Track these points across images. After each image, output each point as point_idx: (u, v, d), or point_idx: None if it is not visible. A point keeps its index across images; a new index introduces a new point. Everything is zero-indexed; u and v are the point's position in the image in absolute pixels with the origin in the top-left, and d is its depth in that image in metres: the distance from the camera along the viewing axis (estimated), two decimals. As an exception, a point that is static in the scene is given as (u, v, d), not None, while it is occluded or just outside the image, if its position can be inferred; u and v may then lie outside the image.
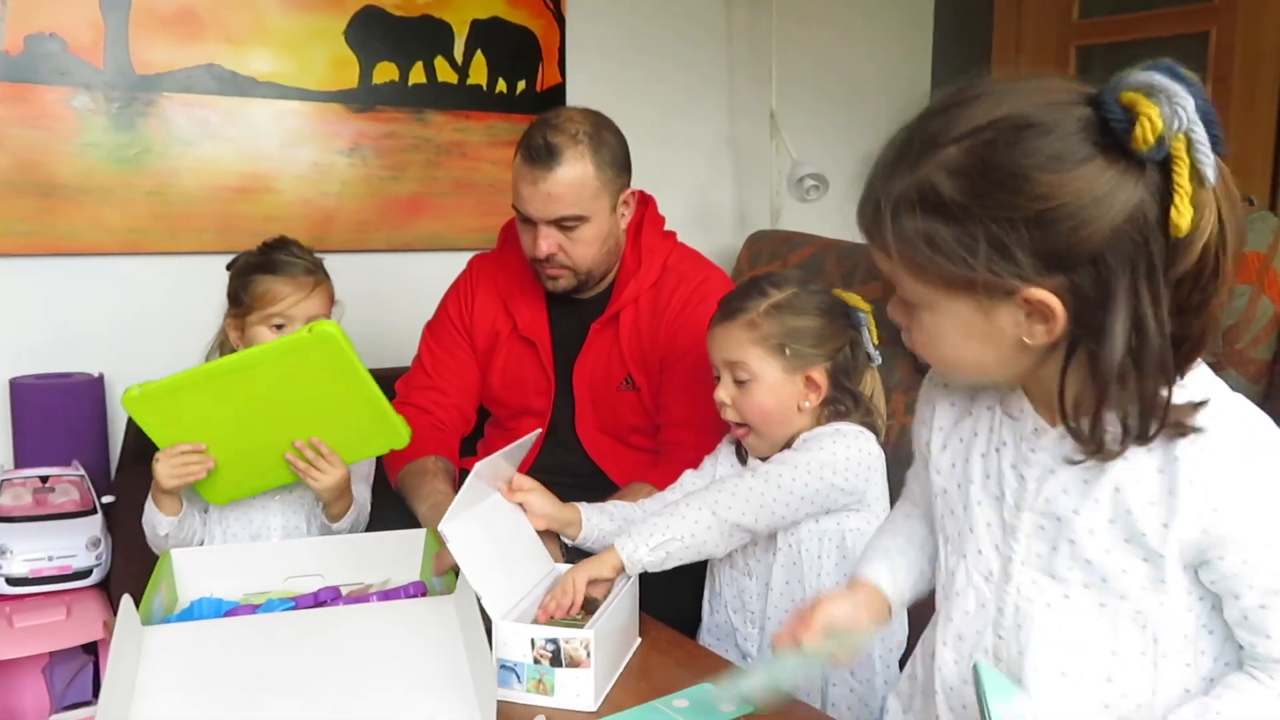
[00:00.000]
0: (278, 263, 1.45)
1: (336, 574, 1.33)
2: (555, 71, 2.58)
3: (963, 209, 0.71)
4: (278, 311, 1.43)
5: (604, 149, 1.52)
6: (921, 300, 0.76)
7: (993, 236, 0.70)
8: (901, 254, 0.74)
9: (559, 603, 1.09)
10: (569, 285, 1.57)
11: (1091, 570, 0.78)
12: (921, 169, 0.72)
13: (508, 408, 1.68)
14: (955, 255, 0.71)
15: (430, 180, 2.44)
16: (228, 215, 2.21)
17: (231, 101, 2.20)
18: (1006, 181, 0.70)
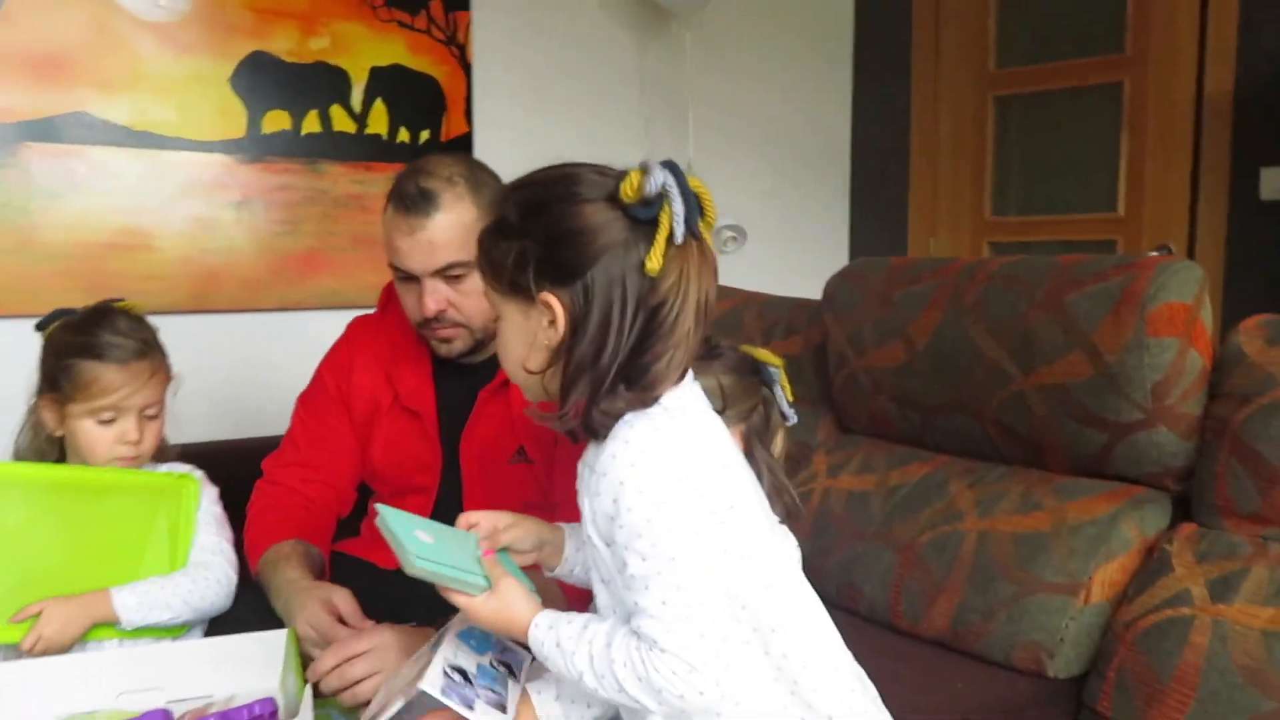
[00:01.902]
0: (104, 346, 1.26)
1: (178, 687, 1.16)
2: (461, 121, 2.46)
3: (518, 229, 0.93)
4: (108, 405, 1.26)
5: (483, 189, 1.40)
6: (496, 308, 0.96)
7: (528, 250, 0.91)
8: (487, 268, 0.95)
9: None
10: (465, 347, 1.43)
11: (596, 565, 0.95)
12: (505, 205, 0.96)
13: (391, 485, 1.53)
14: (505, 264, 0.93)
15: (327, 235, 2.30)
16: (99, 274, 2.04)
17: (103, 151, 2.04)
18: (539, 210, 0.92)
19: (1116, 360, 1.41)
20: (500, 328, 0.97)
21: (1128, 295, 1.41)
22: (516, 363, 0.96)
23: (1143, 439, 1.42)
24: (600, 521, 0.90)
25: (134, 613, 1.24)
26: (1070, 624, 1.37)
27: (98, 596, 1.23)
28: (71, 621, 1.20)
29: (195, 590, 1.29)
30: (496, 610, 0.94)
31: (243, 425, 2.19)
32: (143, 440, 1.29)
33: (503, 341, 0.97)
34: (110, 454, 1.28)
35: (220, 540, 1.35)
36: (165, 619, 1.26)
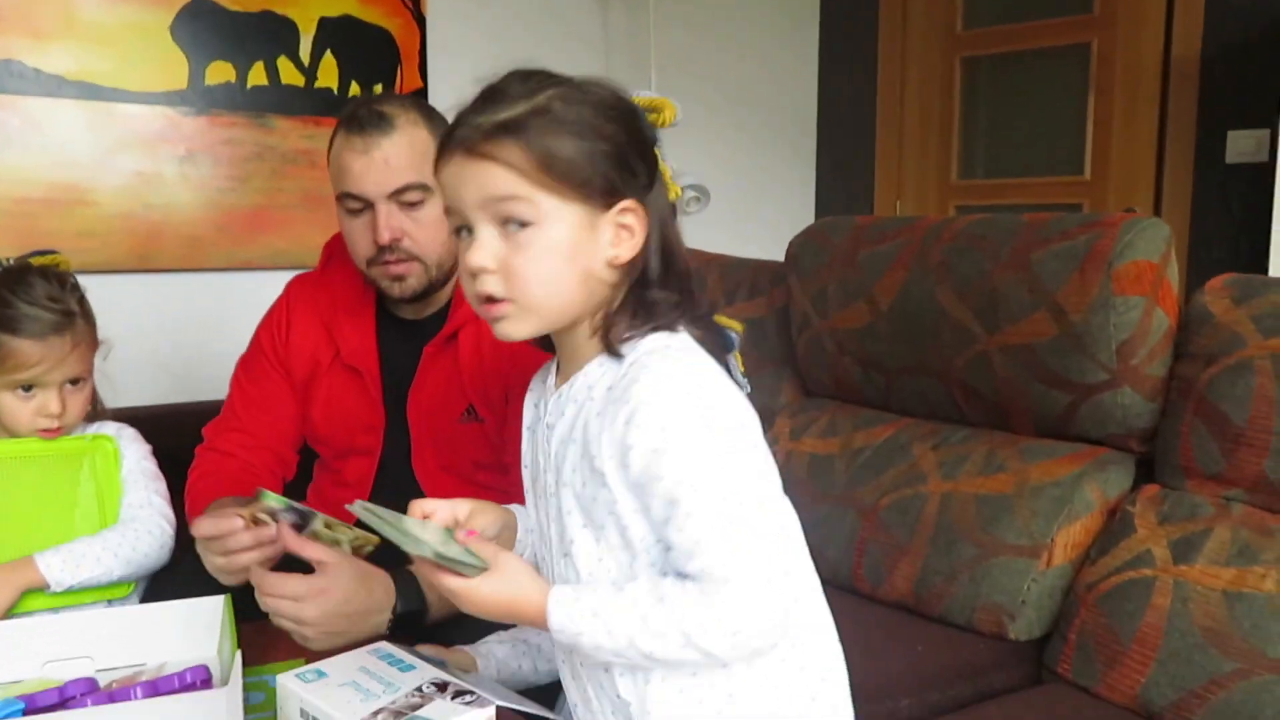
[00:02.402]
0: (20, 318, 1.18)
1: (108, 655, 1.10)
2: (415, 75, 2.38)
3: (592, 128, 0.83)
4: (27, 379, 1.19)
5: (436, 119, 1.35)
6: (536, 215, 0.82)
7: (610, 151, 0.83)
8: (528, 164, 0.81)
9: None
10: (418, 285, 1.36)
11: (579, 505, 0.86)
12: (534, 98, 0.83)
13: (333, 447, 1.47)
14: (585, 159, 0.82)
15: (274, 191, 2.22)
16: (34, 231, 1.95)
17: (37, 102, 1.95)
18: (616, 114, 0.85)
19: (1082, 319, 1.38)
20: (534, 241, 0.83)
21: (1094, 253, 1.39)
22: (552, 280, 0.84)
23: (1107, 400, 1.39)
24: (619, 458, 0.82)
25: (61, 572, 1.17)
26: (1032, 586, 1.35)
27: (20, 563, 1.16)
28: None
29: (126, 543, 1.23)
30: (497, 591, 0.83)
31: (188, 389, 2.12)
32: (66, 412, 1.22)
33: (536, 258, 0.83)
34: (32, 425, 1.22)
35: (150, 494, 1.29)
36: (97, 575, 1.20)
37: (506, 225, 0.83)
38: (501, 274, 0.83)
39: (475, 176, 0.82)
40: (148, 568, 1.27)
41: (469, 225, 0.85)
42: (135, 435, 1.33)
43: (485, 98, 0.85)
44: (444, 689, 0.89)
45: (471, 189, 0.83)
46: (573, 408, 0.87)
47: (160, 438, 1.38)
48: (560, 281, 0.84)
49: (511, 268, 0.83)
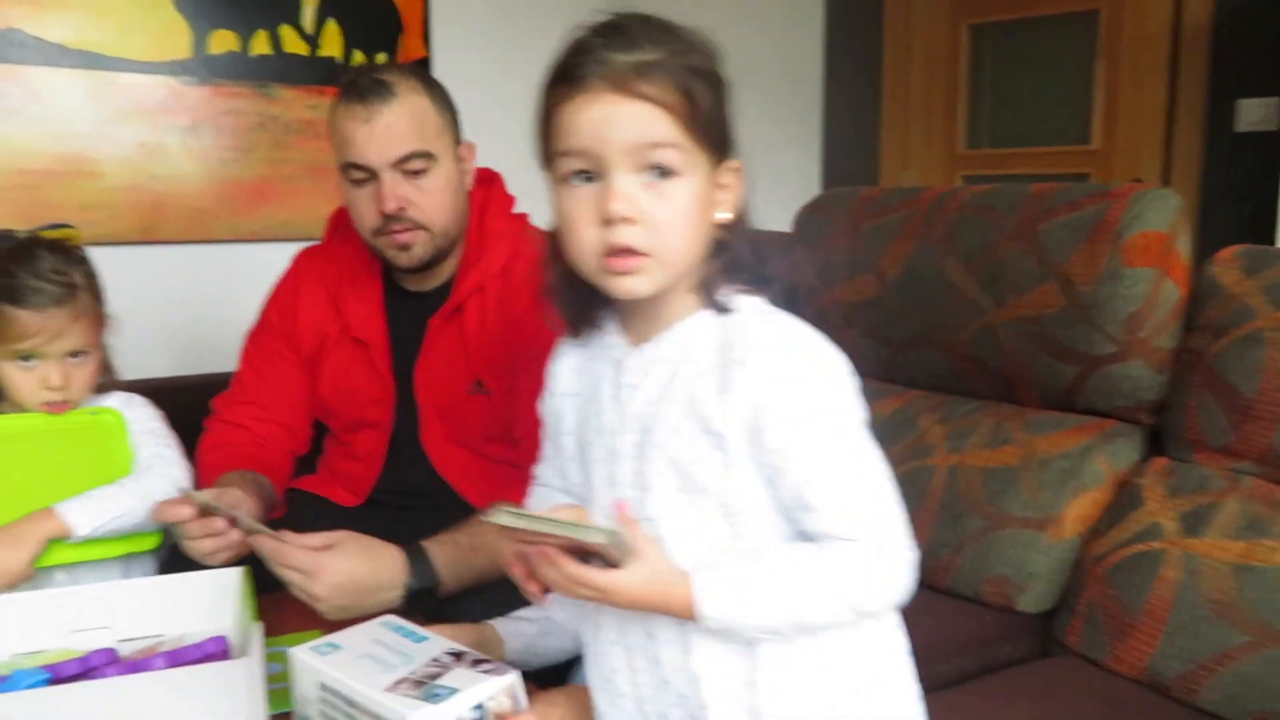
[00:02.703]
0: (22, 289, 1.18)
1: (128, 626, 1.11)
2: (419, 44, 2.36)
3: (718, 80, 0.79)
4: (26, 350, 1.19)
5: (435, 88, 1.35)
6: (681, 166, 0.77)
7: (723, 106, 0.80)
8: (682, 110, 0.76)
9: None
10: (424, 253, 1.36)
11: (675, 470, 0.80)
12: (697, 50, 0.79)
13: (342, 420, 1.47)
14: (717, 113, 0.79)
15: (279, 163, 2.21)
16: (33, 203, 1.94)
17: (37, 72, 1.93)
18: (721, 64, 0.80)
19: (1090, 291, 1.38)
20: (679, 192, 0.78)
21: (1103, 224, 1.38)
22: (689, 234, 0.79)
23: (1115, 372, 1.39)
24: (749, 419, 0.77)
25: (82, 515, 1.16)
26: (1040, 558, 1.36)
27: (40, 514, 1.15)
28: (20, 542, 1.12)
29: (141, 487, 1.22)
30: (647, 582, 0.76)
31: (193, 361, 2.12)
32: (69, 385, 1.22)
33: (679, 210, 0.78)
34: (35, 397, 1.21)
35: (161, 449, 1.29)
36: (119, 516, 1.19)
37: (646, 173, 0.77)
38: (642, 226, 0.77)
39: (631, 118, 0.75)
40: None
41: (597, 171, 0.78)
42: (144, 401, 1.33)
43: (614, 35, 0.78)
44: (460, 658, 0.90)
45: (623, 131, 0.75)
46: (664, 366, 0.82)
47: (166, 410, 1.37)
48: (694, 237, 0.79)
49: (655, 219, 0.77)
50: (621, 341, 0.86)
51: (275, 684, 1.00)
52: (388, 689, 0.84)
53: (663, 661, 0.83)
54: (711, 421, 0.78)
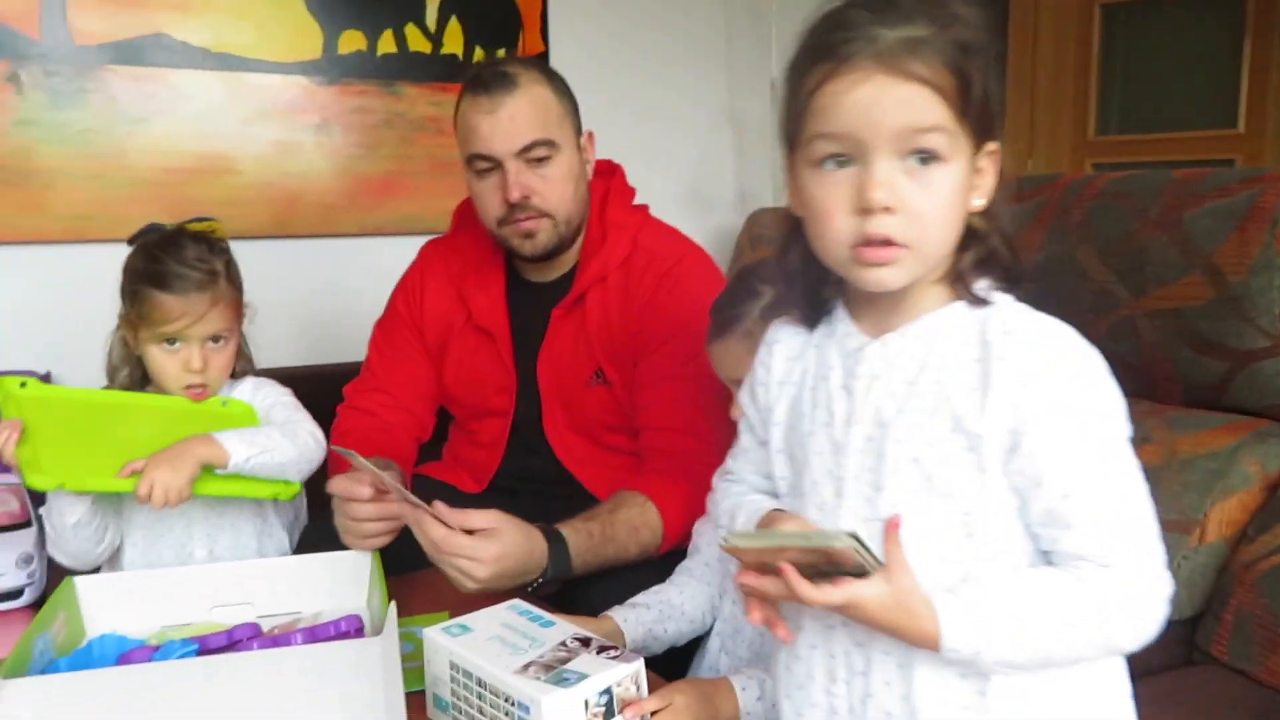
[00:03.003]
0: (167, 275, 1.24)
1: (268, 602, 1.17)
2: (537, 40, 2.39)
3: (984, 54, 0.72)
4: (169, 332, 1.25)
5: (556, 77, 1.39)
6: (949, 151, 0.72)
7: (990, 85, 0.73)
8: (956, 92, 0.71)
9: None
10: (550, 241, 1.39)
11: (917, 469, 0.75)
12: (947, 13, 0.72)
13: (467, 408, 1.51)
14: (986, 90, 0.72)
15: (404, 159, 2.27)
16: (181, 199, 2.04)
17: (182, 74, 2.03)
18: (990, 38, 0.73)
19: (1241, 282, 1.30)
20: (943, 180, 0.72)
21: (1256, 210, 1.30)
22: (949, 225, 0.74)
23: (1268, 368, 1.32)
24: (1012, 423, 0.71)
25: (239, 446, 1.19)
26: (1183, 564, 1.29)
27: (201, 438, 1.19)
28: (181, 463, 1.15)
29: (288, 431, 1.26)
30: (893, 601, 0.71)
31: (321, 351, 2.20)
32: (208, 369, 1.28)
33: (943, 199, 0.73)
34: (179, 381, 1.27)
35: (297, 414, 1.32)
36: (270, 453, 1.22)
37: (908, 159, 0.71)
38: (902, 215, 0.71)
39: (901, 100, 0.70)
40: (307, 463, 1.28)
41: (855, 155, 0.72)
42: (275, 383, 1.39)
43: (881, 7, 0.71)
44: (587, 644, 0.91)
45: (892, 113, 0.70)
46: (910, 360, 0.77)
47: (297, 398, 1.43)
48: (953, 227, 0.74)
49: (916, 209, 0.71)
50: (854, 330, 0.81)
51: (407, 663, 1.03)
52: (517, 671, 0.86)
53: (871, 675, 0.77)
54: (965, 421, 0.73)
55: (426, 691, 0.95)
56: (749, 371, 1.07)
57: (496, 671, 0.86)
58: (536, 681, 0.84)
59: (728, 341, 1.11)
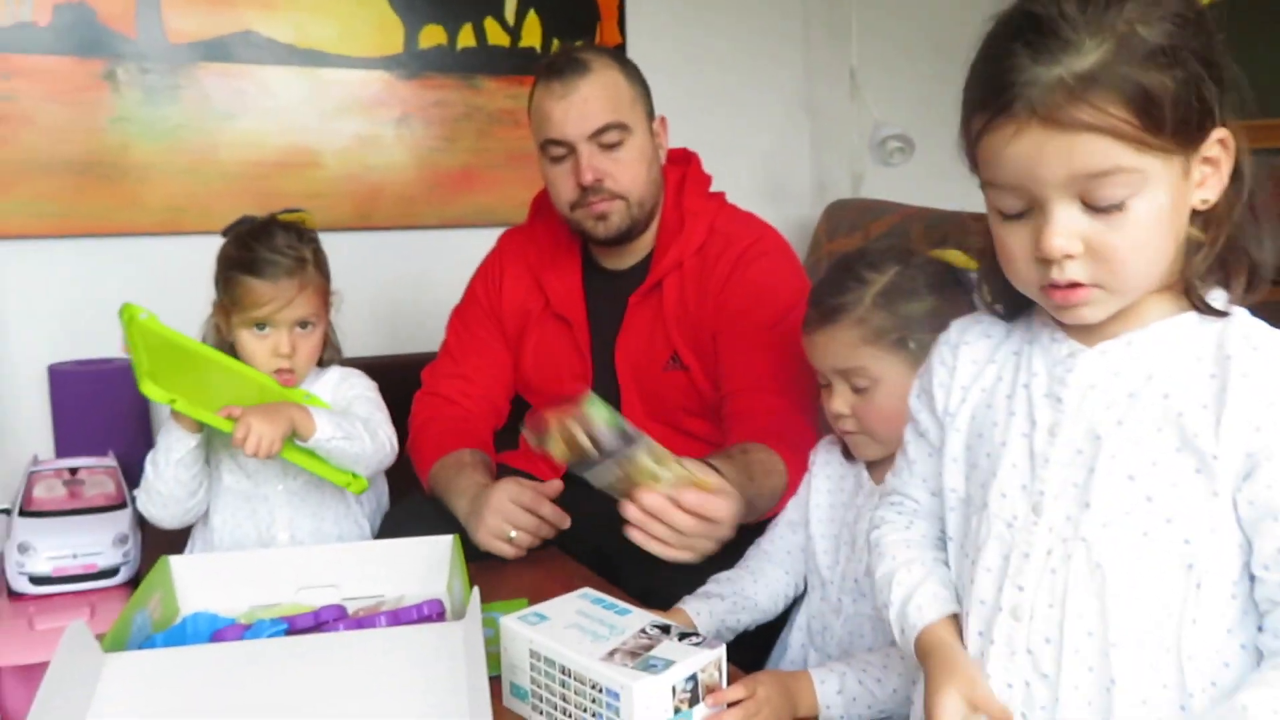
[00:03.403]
0: (258, 261, 1.29)
1: (352, 585, 1.20)
2: (615, 32, 2.40)
3: (1170, 51, 0.64)
4: (260, 317, 1.29)
5: (628, 64, 1.40)
6: (1138, 185, 0.65)
7: (1197, 76, 0.65)
8: (1130, 122, 0.64)
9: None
10: (623, 223, 1.40)
11: (1134, 488, 0.69)
12: (1116, 27, 0.64)
13: (544, 395, 1.52)
14: (1186, 98, 0.64)
15: (482, 151, 2.30)
16: (268, 192, 2.09)
17: (269, 71, 2.09)
18: (1199, 20, 0.66)
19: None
20: (1133, 216, 0.66)
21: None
22: (1149, 257, 0.68)
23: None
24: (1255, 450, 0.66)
25: (325, 422, 1.24)
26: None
27: (295, 404, 1.24)
28: (277, 419, 1.20)
29: (368, 427, 1.30)
30: None
31: (401, 341, 2.25)
32: (296, 354, 1.32)
33: (1135, 236, 0.66)
34: (268, 365, 1.31)
35: (376, 412, 1.36)
36: (349, 439, 1.26)
37: (1091, 198, 0.66)
38: (1089, 256, 0.67)
39: (1061, 152, 0.64)
40: (378, 461, 1.33)
41: (1028, 204, 0.68)
42: (361, 374, 1.42)
43: (1038, 36, 0.65)
44: (667, 631, 0.91)
45: (1054, 167, 0.65)
46: (1135, 370, 0.71)
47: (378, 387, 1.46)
48: (1157, 256, 0.68)
49: (1103, 250, 0.67)
50: (1063, 335, 0.75)
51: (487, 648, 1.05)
52: (603, 659, 0.86)
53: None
54: (1197, 439, 0.67)
55: (502, 679, 0.96)
56: (858, 361, 1.06)
57: (582, 659, 0.87)
58: (625, 669, 0.85)
59: (835, 329, 1.09)
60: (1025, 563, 0.74)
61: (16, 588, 1.60)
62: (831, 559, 1.15)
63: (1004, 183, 0.68)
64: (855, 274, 1.09)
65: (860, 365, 1.07)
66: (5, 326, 1.97)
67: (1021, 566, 0.74)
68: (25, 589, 1.59)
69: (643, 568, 1.24)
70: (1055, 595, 0.72)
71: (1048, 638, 0.72)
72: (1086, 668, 0.71)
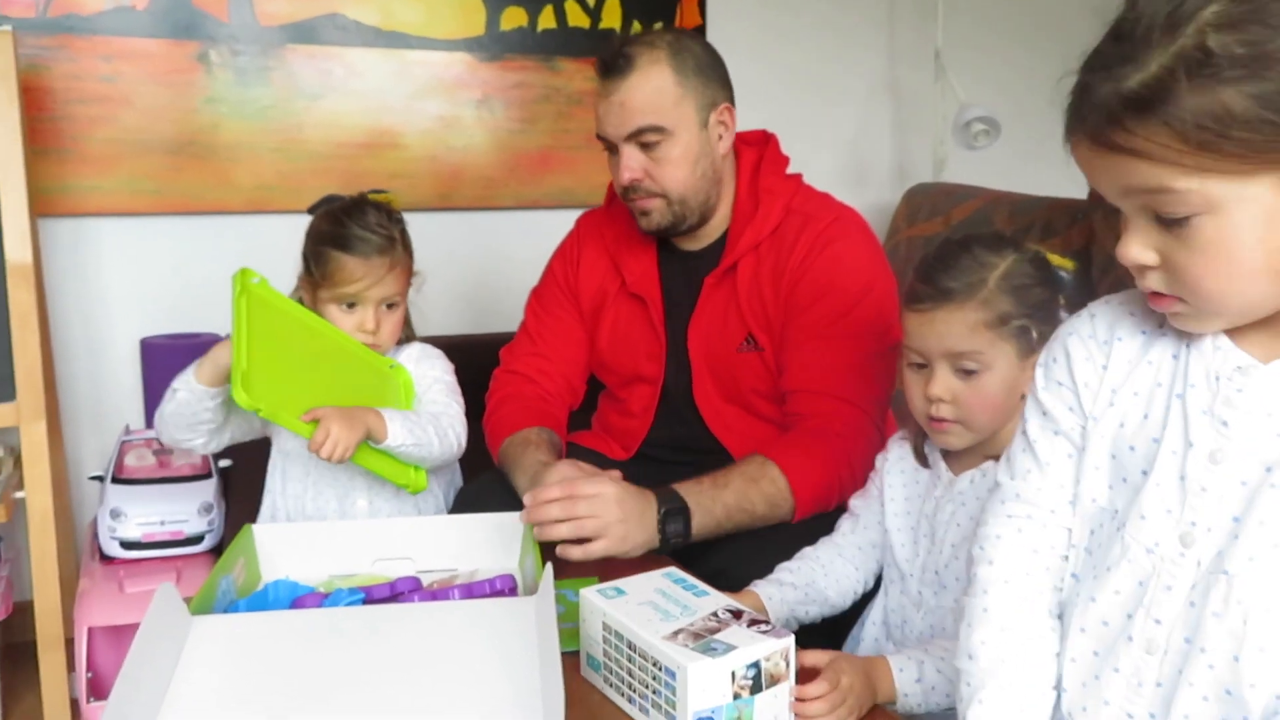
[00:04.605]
0: (351, 238, 1.30)
1: (426, 558, 1.21)
2: (695, 13, 2.38)
3: (1251, 60, 0.58)
4: (349, 294, 1.32)
5: (685, 54, 1.36)
6: (1202, 205, 0.62)
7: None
8: (1175, 146, 0.61)
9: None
10: (664, 220, 1.40)
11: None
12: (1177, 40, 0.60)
13: (618, 374, 1.53)
14: (1257, 118, 0.59)
15: (561, 133, 2.31)
16: (352, 172, 2.14)
17: (355, 53, 2.12)
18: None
19: None
20: (1210, 231, 0.63)
21: None
22: (1231, 276, 0.64)
23: None
24: None
25: (400, 429, 1.26)
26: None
27: (370, 409, 1.26)
28: (354, 422, 1.23)
29: (439, 427, 1.32)
30: None
31: (480, 320, 2.27)
32: (380, 330, 1.34)
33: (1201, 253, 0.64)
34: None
35: (450, 400, 1.38)
36: (421, 441, 1.28)
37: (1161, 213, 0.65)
38: (1165, 270, 0.66)
39: (1107, 170, 0.65)
40: (444, 461, 1.35)
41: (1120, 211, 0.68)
42: (440, 354, 1.44)
43: (1115, 40, 0.63)
44: (739, 616, 0.91)
45: (1106, 181, 0.66)
46: None
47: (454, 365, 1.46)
48: (1243, 277, 0.64)
49: (1174, 265, 0.65)
50: (1231, 346, 0.69)
51: (560, 623, 1.06)
52: (667, 638, 0.86)
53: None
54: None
55: (580, 651, 0.97)
56: (975, 344, 1.02)
57: (646, 636, 0.87)
58: (685, 649, 0.84)
59: (957, 310, 1.04)
60: (1166, 595, 0.69)
61: (108, 552, 1.67)
62: (910, 552, 1.13)
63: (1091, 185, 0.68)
64: (974, 255, 1.05)
65: (976, 349, 1.04)
66: (103, 300, 2.05)
67: (1161, 599, 0.70)
68: (116, 553, 1.67)
69: (712, 549, 1.25)
70: (1190, 628, 0.68)
71: (1180, 669, 0.69)
72: (1201, 698, 0.68)
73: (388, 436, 1.25)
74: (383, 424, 1.25)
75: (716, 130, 1.39)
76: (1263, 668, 0.65)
